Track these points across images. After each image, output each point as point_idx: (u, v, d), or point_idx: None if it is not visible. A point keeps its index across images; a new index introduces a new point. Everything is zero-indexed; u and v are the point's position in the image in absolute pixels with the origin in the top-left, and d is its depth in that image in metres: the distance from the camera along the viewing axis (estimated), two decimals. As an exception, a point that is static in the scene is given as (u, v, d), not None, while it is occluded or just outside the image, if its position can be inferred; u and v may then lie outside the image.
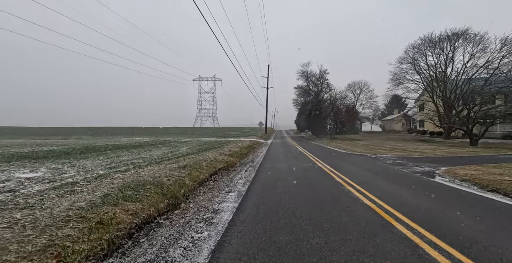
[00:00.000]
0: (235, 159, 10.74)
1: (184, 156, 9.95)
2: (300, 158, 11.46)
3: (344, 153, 14.55)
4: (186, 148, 14.77)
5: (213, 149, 14.18)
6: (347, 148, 17.28)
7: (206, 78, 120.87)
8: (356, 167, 8.50)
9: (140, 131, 54.63)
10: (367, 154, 13.29)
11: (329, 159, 11.31)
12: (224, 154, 11.30)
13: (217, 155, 10.79)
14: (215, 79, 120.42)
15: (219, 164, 8.67)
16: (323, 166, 8.67)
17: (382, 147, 18.64)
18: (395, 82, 31.43)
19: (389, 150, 15.38)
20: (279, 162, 10.02)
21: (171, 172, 5.87)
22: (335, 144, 23.15)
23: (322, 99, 38.02)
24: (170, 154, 11.16)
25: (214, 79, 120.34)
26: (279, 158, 11.61)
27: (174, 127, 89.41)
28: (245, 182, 6.07)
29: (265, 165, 9.10)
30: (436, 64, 27.38)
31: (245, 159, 11.75)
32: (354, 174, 7.01)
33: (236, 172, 7.69)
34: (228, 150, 13.08)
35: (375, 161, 10.39)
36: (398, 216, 3.43)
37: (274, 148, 18.17)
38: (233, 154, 11.90)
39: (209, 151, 12.92)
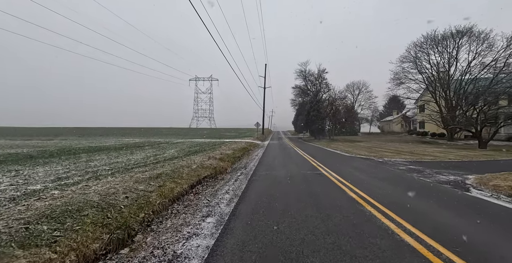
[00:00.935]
0: (226, 164, 9.40)
1: (166, 161, 8.58)
2: (300, 163, 10.16)
3: (347, 156, 13.29)
4: (174, 151, 13.38)
5: (203, 151, 12.82)
6: (349, 151, 16.04)
7: (202, 78, 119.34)
8: (366, 175, 7.22)
9: (135, 132, 52.97)
10: (373, 158, 12.05)
11: (333, 163, 10.04)
12: (214, 157, 9.96)
13: (205, 159, 9.44)
14: (211, 79, 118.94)
15: (205, 171, 7.32)
16: (328, 173, 7.38)
17: (386, 149, 17.45)
18: (396, 82, 30.41)
19: (395, 153, 14.17)
20: (276, 168, 8.70)
21: (135, 185, 4.51)
22: (335, 145, 21.93)
23: (321, 99, 36.88)
24: (151, 158, 9.78)
25: (211, 79, 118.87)
26: (276, 162, 10.30)
27: (170, 128, 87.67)
28: (231, 197, 4.74)
29: (260, 171, 7.77)
30: (439, 63, 26.41)
31: (237, 163, 10.41)
32: (368, 185, 5.72)
33: (224, 182, 6.35)
34: (219, 153, 11.73)
35: (385, 166, 9.13)
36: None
37: (271, 150, 16.86)
38: (224, 157, 10.56)
39: (198, 153, 11.57)
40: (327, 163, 10.01)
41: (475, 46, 23.19)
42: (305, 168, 8.59)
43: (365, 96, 54.66)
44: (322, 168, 8.39)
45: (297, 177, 6.77)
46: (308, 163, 9.96)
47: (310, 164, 9.62)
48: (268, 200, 4.44)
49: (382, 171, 7.92)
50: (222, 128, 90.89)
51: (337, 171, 7.75)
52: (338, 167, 8.74)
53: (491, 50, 21.65)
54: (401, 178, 6.66)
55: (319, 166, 8.90)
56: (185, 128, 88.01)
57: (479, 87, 21.23)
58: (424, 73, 28.08)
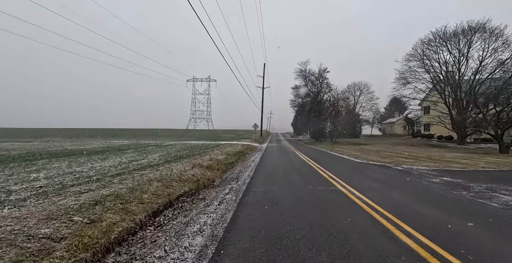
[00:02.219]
0: (214, 174, 7.55)
1: (136, 171, 6.73)
2: (306, 172, 8.34)
3: (358, 162, 11.49)
4: (157, 155, 11.53)
5: (191, 156, 10.97)
6: (358, 155, 14.26)
7: (200, 79, 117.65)
8: (398, 192, 5.42)
9: (129, 133, 50.99)
10: (389, 165, 10.27)
11: (346, 173, 8.22)
12: (200, 165, 8.12)
13: (189, 167, 7.61)
14: (209, 80, 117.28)
15: (183, 186, 5.48)
16: (346, 189, 5.57)
17: (398, 153, 15.68)
18: (401, 82, 28.74)
19: (412, 159, 12.39)
20: (277, 180, 6.87)
21: (38, 227, 2.65)
22: (340, 149, 20.15)
23: (322, 100, 35.18)
24: (122, 165, 7.93)
25: (209, 80, 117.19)
26: (277, 171, 8.47)
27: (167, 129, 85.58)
28: (205, 243, 2.89)
29: (255, 187, 5.93)
30: (448, 62, 24.81)
31: (229, 172, 8.56)
32: (414, 214, 3.89)
33: (204, 205, 4.51)
34: (208, 159, 9.90)
35: (411, 177, 7.33)
36: None
37: (269, 155, 15.04)
38: (214, 165, 8.72)
39: (184, 159, 9.72)
40: (339, 172, 8.19)
41: (488, 43, 21.62)
42: (314, 180, 6.77)
43: (367, 97, 53.12)
44: (335, 180, 6.58)
45: (306, 196, 4.94)
46: (315, 173, 8.14)
47: (318, 174, 7.80)
48: (265, 249, 2.62)
49: (414, 186, 6.12)
50: (220, 130, 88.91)
51: (355, 185, 5.94)
52: (355, 179, 6.92)
53: (508, 47, 20.07)
54: (451, 200, 4.84)
55: (330, 178, 7.08)
56: (182, 129, 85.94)
57: (496, 87, 19.57)
58: (431, 72, 26.47)
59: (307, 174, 7.80)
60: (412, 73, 27.72)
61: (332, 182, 6.47)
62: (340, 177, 7.17)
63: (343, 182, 6.40)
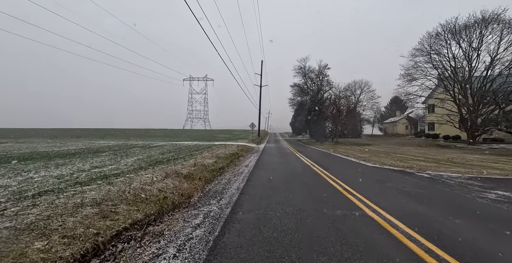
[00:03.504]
0: (193, 186, 5.71)
1: (81, 185, 4.87)
2: (313, 183, 6.54)
3: (370, 166, 9.73)
4: (134, 159, 9.68)
5: (172, 161, 9.13)
6: (367, 158, 12.51)
7: (197, 78, 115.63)
8: (464, 223, 3.66)
9: (122, 133, 48.92)
10: (410, 170, 8.51)
11: (365, 184, 6.44)
12: (177, 173, 6.28)
13: (161, 176, 5.78)
14: (206, 79, 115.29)
15: (135, 211, 3.65)
16: (379, 215, 3.79)
17: (411, 155, 13.97)
18: (407, 79, 27.12)
19: (431, 162, 10.67)
20: (275, 196, 5.06)
21: None
22: (344, 150, 18.41)
23: (322, 98, 33.47)
24: (76, 175, 6.08)
25: (206, 79, 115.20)
26: (275, 182, 6.65)
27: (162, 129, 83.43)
28: None
29: (244, 210, 4.11)
30: (458, 57, 23.19)
31: (214, 182, 6.72)
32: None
33: (152, 256, 2.68)
34: (192, 164, 8.06)
35: (453, 190, 5.57)
36: None
37: (267, 157, 13.24)
38: (196, 172, 6.88)
39: (161, 165, 7.88)
40: (354, 181, 6.41)
41: (503, 35, 20.00)
42: (326, 196, 4.97)
43: (367, 96, 51.40)
44: (354, 197, 4.79)
45: (323, 232, 3.14)
46: (325, 183, 6.34)
47: (329, 186, 6.00)
48: None
49: (464, 204, 4.35)
50: (217, 130, 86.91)
51: (388, 206, 4.16)
52: (381, 194, 5.14)
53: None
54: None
55: (347, 191, 5.29)
56: (178, 129, 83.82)
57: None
58: (439, 68, 24.84)
59: (315, 186, 6.00)
60: (418, 69, 26.12)
61: (351, 199, 4.68)
62: (359, 190, 5.38)
63: (367, 199, 4.61)
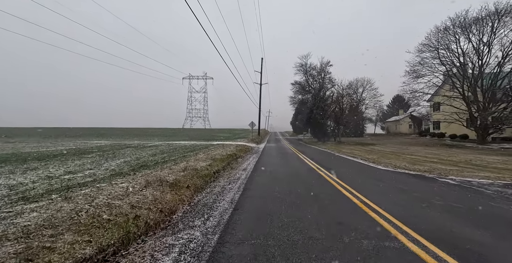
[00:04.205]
0: (178, 198, 4.70)
1: (26, 201, 3.85)
2: (323, 194, 5.52)
3: (383, 170, 8.70)
4: (120, 162, 8.67)
5: (160, 164, 8.12)
6: (376, 159, 11.49)
7: (196, 76, 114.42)
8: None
9: (120, 132, 47.95)
10: (430, 175, 7.49)
11: (387, 194, 5.41)
12: (161, 181, 5.27)
13: (141, 185, 4.78)
14: (206, 77, 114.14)
15: (85, 243, 2.62)
16: (416, 243, 2.77)
17: (423, 156, 12.94)
18: (413, 75, 26.02)
19: (449, 165, 9.65)
20: (277, 217, 4.04)
21: None
22: (349, 150, 17.39)
23: (325, 96, 32.38)
24: (38, 184, 5.07)
25: (205, 78, 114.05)
26: (276, 192, 5.63)
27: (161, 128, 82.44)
28: None
29: (237, 240, 3.09)
30: (468, 52, 22.08)
31: (205, 192, 5.69)
32: None
33: None
34: (182, 168, 7.06)
35: (494, 202, 4.56)
36: None
37: (267, 159, 12.23)
38: (185, 179, 5.86)
39: (146, 170, 6.87)
40: (372, 191, 5.39)
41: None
42: (343, 214, 3.95)
43: (370, 94, 50.19)
44: (380, 216, 3.77)
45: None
46: (339, 194, 5.32)
47: (344, 198, 4.98)
48: None
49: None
50: (216, 129, 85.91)
51: (425, 229, 3.15)
52: (410, 210, 4.11)
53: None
54: None
55: (367, 207, 4.27)
56: (177, 129, 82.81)
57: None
58: (448, 64, 23.74)
59: (326, 199, 4.96)
60: (425, 66, 25.01)
61: (378, 220, 3.65)
62: (383, 204, 4.35)
63: (398, 220, 3.57)
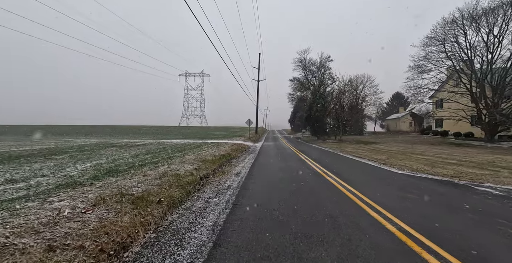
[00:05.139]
0: (143, 219, 3.30)
1: None
2: (337, 210, 4.21)
3: (399, 174, 7.43)
4: (89, 165, 7.28)
5: (138, 167, 6.74)
6: (385, 160, 10.24)
7: (193, 73, 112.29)
8: None
9: (112, 130, 46.25)
10: (461, 181, 6.24)
11: (421, 213, 4.12)
12: (124, 195, 3.90)
13: (89, 203, 3.38)
14: (203, 74, 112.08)
15: None
16: None
17: (433, 156, 11.72)
18: (418, 71, 24.81)
19: (473, 167, 8.41)
20: (282, 252, 2.71)
21: None
22: (352, 149, 16.15)
23: (325, 92, 31.07)
24: None
25: (202, 75, 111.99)
26: (276, 210, 4.31)
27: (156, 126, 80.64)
28: None
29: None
30: (477, 45, 20.87)
31: (183, 207, 4.30)
32: None
33: None
34: (161, 173, 5.70)
35: None
36: None
37: (265, 160, 10.91)
38: (161, 188, 4.49)
39: (111, 177, 5.50)
40: (404, 207, 4.10)
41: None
42: (377, 251, 2.65)
43: (370, 91, 48.93)
44: (434, 255, 2.48)
45: None
46: (362, 214, 4.01)
47: (370, 221, 3.68)
48: None
49: None
50: (213, 127, 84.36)
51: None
52: (472, 242, 2.83)
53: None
54: None
55: (410, 238, 2.97)
56: (172, 126, 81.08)
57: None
58: (455, 58, 22.54)
59: (348, 224, 3.65)
60: (431, 60, 23.80)
61: (431, 261, 2.35)
62: (433, 234, 3.05)
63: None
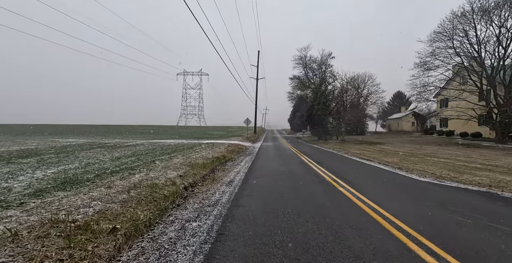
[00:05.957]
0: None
1: None
2: (370, 251, 2.98)
3: (426, 183, 6.22)
4: (51, 172, 6.02)
5: (108, 175, 5.48)
6: (398, 163, 9.04)
7: (191, 72, 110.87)
8: None
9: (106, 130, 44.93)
10: (506, 193, 5.05)
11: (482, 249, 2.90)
12: (59, 224, 2.65)
13: None
14: (201, 74, 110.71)
15: None
16: None
17: (452, 159, 10.54)
18: (424, 67, 23.66)
19: (501, 173, 7.22)
20: None
21: None
22: (358, 151, 14.97)
23: (326, 90, 29.89)
24: None
25: (201, 74, 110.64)
26: (277, 249, 3.05)
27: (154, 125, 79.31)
28: None
29: None
30: (488, 40, 19.75)
31: (147, 238, 3.03)
32: None
33: None
34: (132, 183, 4.41)
35: None
36: None
37: (264, 164, 9.67)
38: (122, 208, 3.22)
39: (62, 192, 4.26)
40: (461, 239, 2.89)
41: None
42: None
43: (371, 90, 47.71)
44: None
45: None
46: (398, 246, 2.80)
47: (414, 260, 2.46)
48: None
49: None
50: (211, 127, 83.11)
51: None
52: None
53: None
54: None
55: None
56: (170, 126, 79.73)
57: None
58: (465, 54, 21.40)
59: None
60: (438, 57, 22.65)
61: None
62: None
63: None
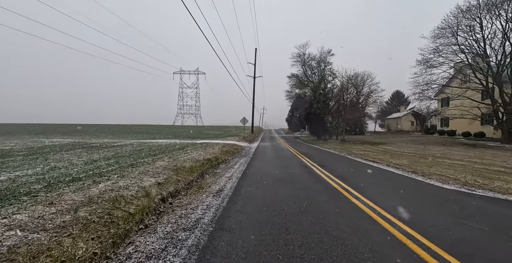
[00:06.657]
0: None
1: None
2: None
3: (454, 192, 5.28)
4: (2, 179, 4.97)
5: (69, 182, 4.42)
6: (411, 167, 8.13)
7: (188, 71, 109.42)
8: None
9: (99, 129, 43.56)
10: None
11: None
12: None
13: None
14: (198, 73, 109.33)
15: None
16: None
17: (467, 161, 9.65)
18: (427, 65, 22.86)
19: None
20: None
21: None
22: (361, 151, 14.05)
23: (326, 88, 28.98)
24: None
25: (197, 73, 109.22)
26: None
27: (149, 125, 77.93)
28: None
29: None
30: (495, 36, 18.97)
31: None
32: None
33: None
34: (90, 196, 3.39)
35: None
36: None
37: (260, 167, 8.67)
38: (50, 243, 2.21)
39: (9, 207, 3.22)
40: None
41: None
42: None
43: (370, 89, 46.97)
44: None
45: None
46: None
47: None
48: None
49: None
50: (208, 126, 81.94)
51: None
52: None
53: None
54: None
55: None
56: (166, 125, 78.36)
57: None
58: (467, 52, 20.64)
59: None
60: (442, 53, 21.84)
61: None
62: None
63: None
